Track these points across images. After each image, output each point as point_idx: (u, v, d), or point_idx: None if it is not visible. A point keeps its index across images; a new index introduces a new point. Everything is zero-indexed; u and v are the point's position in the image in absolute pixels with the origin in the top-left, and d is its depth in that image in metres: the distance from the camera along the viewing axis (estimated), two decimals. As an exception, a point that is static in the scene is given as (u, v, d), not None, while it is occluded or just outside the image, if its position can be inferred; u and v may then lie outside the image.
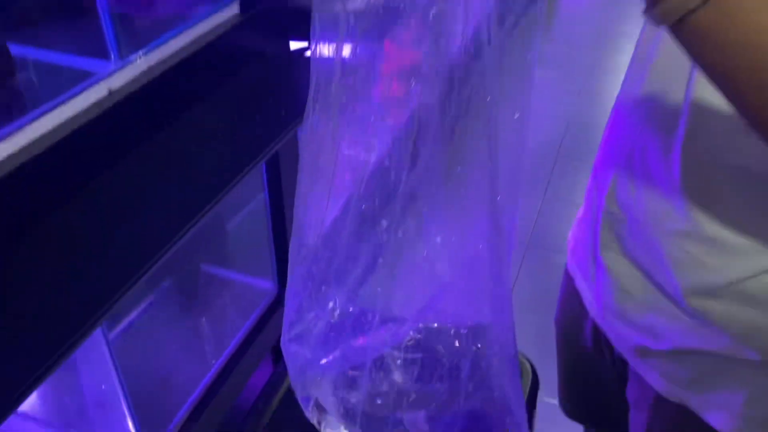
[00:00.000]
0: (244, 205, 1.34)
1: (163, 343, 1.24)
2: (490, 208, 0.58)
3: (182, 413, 1.22)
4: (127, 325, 1.10)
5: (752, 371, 0.65)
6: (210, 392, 1.27)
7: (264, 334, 1.39)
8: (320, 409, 0.72)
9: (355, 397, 0.67)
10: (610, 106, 0.75)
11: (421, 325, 0.66)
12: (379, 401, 0.67)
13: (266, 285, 1.46)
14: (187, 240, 0.95)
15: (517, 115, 0.55)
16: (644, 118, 0.67)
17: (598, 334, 0.85)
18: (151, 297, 1.19)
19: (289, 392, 0.80)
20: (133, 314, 1.16)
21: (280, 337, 1.49)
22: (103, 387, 1.05)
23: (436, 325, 0.66)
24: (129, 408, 1.11)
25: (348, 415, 0.69)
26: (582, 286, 0.83)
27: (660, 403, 0.74)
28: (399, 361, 0.67)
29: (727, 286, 0.62)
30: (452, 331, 0.63)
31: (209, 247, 1.29)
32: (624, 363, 0.81)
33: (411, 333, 0.66)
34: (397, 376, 0.67)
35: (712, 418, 0.69)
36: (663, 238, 0.65)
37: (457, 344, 0.63)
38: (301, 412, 0.76)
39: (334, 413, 0.70)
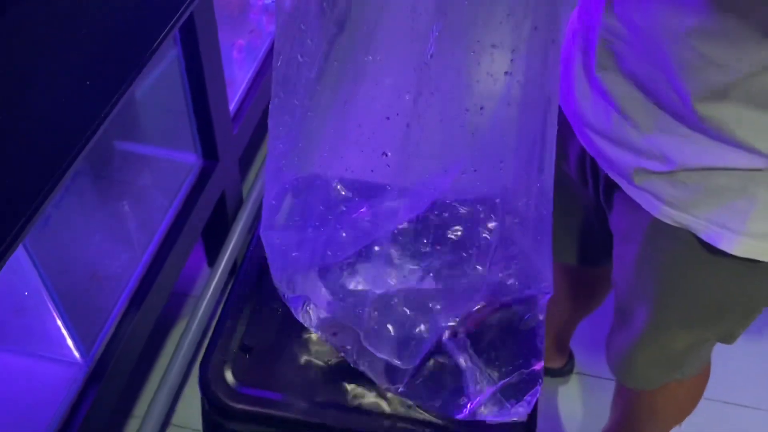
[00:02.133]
0: (152, 67, 1.14)
1: (84, 235, 1.08)
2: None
3: (118, 308, 1.09)
4: (40, 223, 0.93)
5: (760, 183, 0.64)
6: (145, 282, 1.14)
7: (195, 214, 1.26)
8: (315, 309, 0.62)
9: (360, 288, 0.57)
10: None
11: (438, 201, 0.55)
12: (390, 291, 0.57)
13: (189, 158, 1.30)
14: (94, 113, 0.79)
15: None
16: None
17: (584, 162, 0.80)
18: (60, 188, 1.01)
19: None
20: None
21: (210, 216, 1.37)
22: (26, 293, 0.90)
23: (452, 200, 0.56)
24: (58, 310, 0.97)
25: (351, 314, 0.59)
26: (570, 109, 0.76)
27: (655, 228, 0.71)
28: (416, 243, 0.57)
29: (736, 84, 0.59)
30: (474, 205, 0.53)
31: (119, 120, 1.10)
32: (610, 192, 0.78)
33: (428, 210, 0.55)
34: (412, 262, 0.57)
35: (713, 237, 0.67)
36: (670, 41, 0.60)
37: (481, 217, 0.53)
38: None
39: (335, 312, 0.60)
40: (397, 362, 0.59)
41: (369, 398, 0.62)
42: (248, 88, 1.48)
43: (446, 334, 0.63)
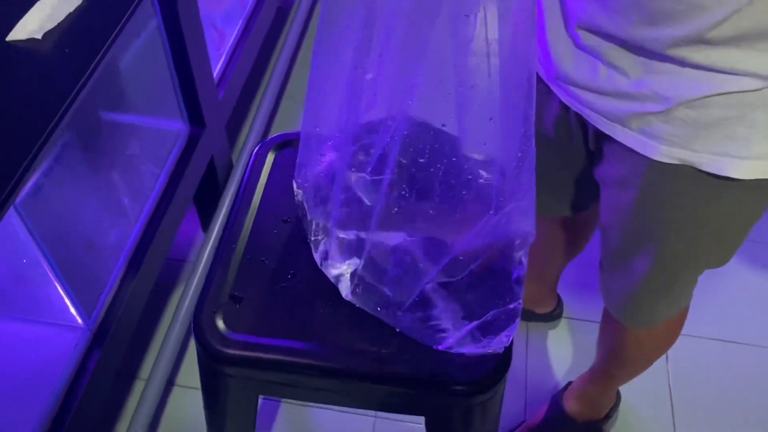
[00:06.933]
0: (134, 37, 1.15)
1: (77, 205, 1.11)
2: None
3: (116, 273, 1.13)
4: (33, 191, 0.96)
5: (757, 106, 0.65)
6: (140, 247, 1.18)
7: (185, 180, 1.28)
8: (323, 238, 0.65)
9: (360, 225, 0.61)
10: None
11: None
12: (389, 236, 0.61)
13: (176, 125, 1.32)
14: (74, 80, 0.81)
15: None
16: None
17: (566, 119, 0.82)
18: (50, 157, 1.03)
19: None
20: (34, 178, 1.01)
21: (200, 182, 1.39)
22: (24, 261, 0.93)
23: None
24: (57, 277, 1.00)
25: (351, 248, 0.63)
26: (547, 71, 0.78)
27: (655, 169, 0.72)
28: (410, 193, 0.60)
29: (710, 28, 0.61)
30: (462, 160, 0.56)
31: (105, 91, 1.12)
32: (599, 143, 0.79)
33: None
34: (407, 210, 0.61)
35: (717, 167, 0.68)
36: None
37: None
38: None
39: (339, 242, 0.63)
40: (390, 294, 0.63)
41: (352, 338, 0.65)
42: (231, 53, 1.49)
43: (433, 276, 0.66)
